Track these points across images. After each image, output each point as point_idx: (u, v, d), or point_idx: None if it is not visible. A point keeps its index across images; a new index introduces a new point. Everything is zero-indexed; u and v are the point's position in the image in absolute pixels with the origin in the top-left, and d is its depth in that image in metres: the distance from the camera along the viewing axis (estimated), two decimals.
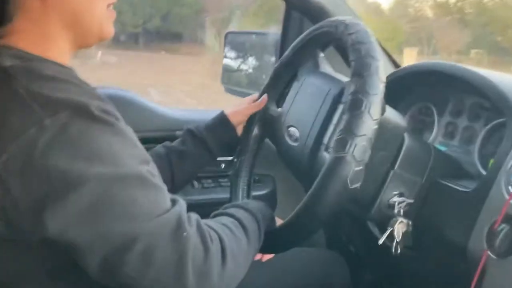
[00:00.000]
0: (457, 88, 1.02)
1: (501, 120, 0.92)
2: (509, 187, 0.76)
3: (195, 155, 1.01)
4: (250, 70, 1.56)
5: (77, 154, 0.53)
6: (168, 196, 0.61)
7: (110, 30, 0.70)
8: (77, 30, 0.66)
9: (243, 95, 1.51)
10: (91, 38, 0.68)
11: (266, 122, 1.03)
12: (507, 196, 0.75)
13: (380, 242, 0.85)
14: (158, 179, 0.61)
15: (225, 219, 0.72)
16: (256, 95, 1.08)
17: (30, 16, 0.63)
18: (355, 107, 0.72)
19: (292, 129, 0.95)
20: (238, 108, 1.05)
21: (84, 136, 0.54)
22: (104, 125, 0.56)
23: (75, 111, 0.54)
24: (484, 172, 0.93)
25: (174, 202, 0.61)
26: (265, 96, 1.03)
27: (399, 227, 0.84)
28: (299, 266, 1.05)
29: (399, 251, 0.84)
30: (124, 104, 1.25)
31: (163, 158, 0.99)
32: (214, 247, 0.62)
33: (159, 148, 1.03)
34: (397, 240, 0.84)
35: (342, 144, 0.71)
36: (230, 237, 0.66)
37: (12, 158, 0.53)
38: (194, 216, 0.64)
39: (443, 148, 1.03)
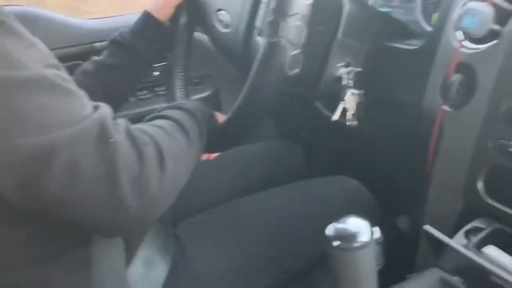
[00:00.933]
0: None
1: None
2: (457, 36, 0.71)
3: (127, 66, 0.91)
4: None
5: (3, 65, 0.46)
6: (88, 102, 0.53)
7: None
8: None
9: None
10: None
11: (193, 7, 0.92)
12: (457, 44, 0.72)
13: (336, 118, 0.81)
14: (71, 84, 0.52)
15: (160, 122, 0.64)
16: None
17: None
18: None
19: (222, 12, 0.85)
20: (161, 1, 0.93)
21: (5, 47, 0.47)
22: (22, 35, 0.49)
23: None
24: (429, 28, 0.89)
25: (96, 108, 0.53)
26: None
27: (352, 99, 0.80)
28: (251, 158, 1.01)
29: (355, 123, 0.81)
30: (32, 21, 1.10)
31: (93, 75, 0.89)
32: (149, 151, 0.54)
33: (85, 65, 0.92)
34: (352, 113, 0.80)
35: (274, 27, 0.64)
36: (166, 139, 0.59)
37: None
38: (122, 120, 0.56)
39: (385, 10, 0.97)
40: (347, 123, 0.81)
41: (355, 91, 0.80)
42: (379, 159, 1.02)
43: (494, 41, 0.67)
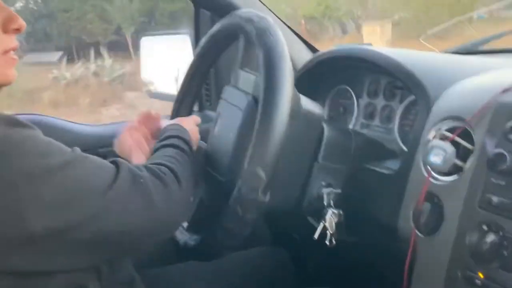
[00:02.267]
0: (370, 69, 1.04)
1: (413, 97, 0.94)
2: (427, 165, 0.77)
3: None
4: (169, 72, 1.52)
5: (27, 156, 0.57)
6: (106, 161, 0.67)
7: (9, 76, 0.68)
8: None
9: (166, 97, 1.47)
10: None
11: None
12: (426, 174, 0.77)
13: (316, 236, 0.85)
14: (90, 156, 0.65)
15: (169, 151, 0.81)
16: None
17: None
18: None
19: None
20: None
21: (25, 139, 0.58)
22: (34, 129, 0.61)
23: (7, 123, 0.58)
24: (405, 148, 0.95)
25: (115, 163, 0.67)
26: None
27: (331, 219, 0.84)
28: (241, 267, 1.04)
29: (334, 242, 0.85)
30: (43, 129, 1.18)
31: None
32: (168, 177, 0.72)
33: None
34: (331, 232, 0.84)
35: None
36: (176, 164, 0.77)
37: None
38: (138, 164, 0.73)
39: (364, 130, 1.05)
40: (327, 242, 0.85)
41: (335, 211, 0.85)
42: (358, 275, 1.05)
43: (457, 176, 0.73)
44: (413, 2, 9.27)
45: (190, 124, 0.92)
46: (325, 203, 0.86)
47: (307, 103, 0.85)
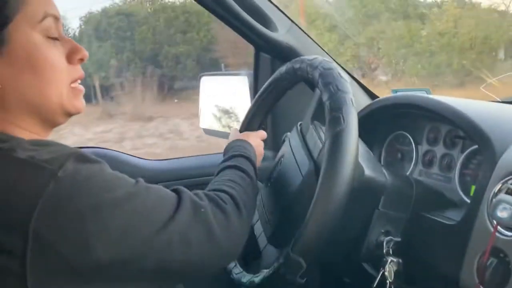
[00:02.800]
0: (431, 118, 1.04)
1: (476, 147, 0.94)
2: (493, 219, 0.76)
3: None
4: (227, 111, 1.57)
5: (94, 189, 0.60)
6: (168, 191, 0.69)
7: (77, 106, 0.71)
8: (39, 116, 0.68)
9: (221, 135, 1.52)
10: (58, 119, 0.70)
11: None
12: (491, 229, 0.76)
13: (374, 284, 0.85)
14: (153, 186, 0.68)
15: (231, 174, 0.82)
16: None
17: None
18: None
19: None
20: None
21: (95, 173, 0.62)
22: (100, 163, 0.64)
23: (76, 159, 0.61)
24: (466, 199, 0.94)
25: (177, 191, 0.70)
26: None
27: (390, 267, 0.84)
28: None
29: None
30: (107, 162, 1.24)
31: None
32: (229, 206, 0.73)
33: None
34: (390, 281, 0.84)
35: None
36: (238, 189, 0.78)
37: (42, 214, 0.56)
38: (200, 192, 0.74)
39: (423, 178, 1.04)
40: None
41: (394, 259, 0.85)
42: None
43: None
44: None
45: (257, 139, 0.96)
46: (384, 251, 0.85)
47: (370, 171, 0.83)
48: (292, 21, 1.27)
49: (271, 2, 1.24)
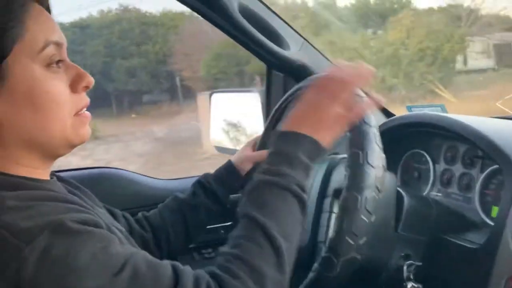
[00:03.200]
0: (448, 136, 1.02)
1: (496, 166, 0.91)
2: None
3: (207, 207, 1.01)
4: (238, 128, 1.55)
5: (66, 273, 0.53)
6: (167, 271, 0.59)
7: (82, 135, 0.67)
8: (41, 152, 0.65)
9: (232, 152, 1.50)
10: (61, 152, 0.67)
11: None
12: None
13: None
14: (151, 264, 0.59)
15: (266, 199, 0.65)
16: (255, 138, 1.10)
17: None
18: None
19: None
20: (243, 155, 1.06)
21: (68, 254, 0.53)
22: (84, 236, 0.55)
23: (53, 230, 0.54)
24: (487, 220, 0.91)
25: (176, 272, 0.59)
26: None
27: None
28: None
29: None
30: (116, 182, 1.23)
31: (176, 212, 0.99)
32: (243, 277, 0.59)
33: (170, 202, 1.01)
34: None
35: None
36: (253, 253, 0.62)
37: None
38: (201, 273, 0.61)
39: (441, 198, 1.02)
40: None
41: (415, 285, 0.82)
42: None
43: None
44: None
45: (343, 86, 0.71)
46: (405, 276, 0.83)
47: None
48: (304, 38, 1.26)
49: (283, 20, 1.24)
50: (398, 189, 0.86)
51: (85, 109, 0.68)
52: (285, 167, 0.66)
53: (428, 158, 1.08)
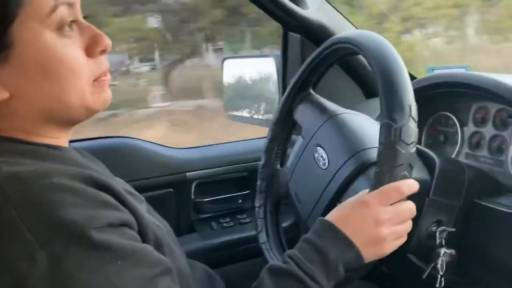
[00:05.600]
0: (478, 96, 0.97)
1: None
2: None
3: None
4: (252, 95, 1.51)
5: None
6: None
7: (104, 101, 0.63)
8: (59, 121, 0.61)
9: (247, 120, 1.46)
10: (81, 118, 0.63)
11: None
12: None
13: (424, 276, 0.79)
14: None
15: None
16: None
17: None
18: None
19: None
20: None
21: (80, 271, 0.49)
22: (103, 252, 0.51)
23: (70, 238, 0.49)
24: None
25: None
26: None
27: (443, 259, 0.78)
28: None
29: (443, 284, 0.78)
30: (132, 150, 1.20)
31: None
32: None
33: None
34: (441, 274, 0.78)
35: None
36: None
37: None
38: None
39: (471, 162, 0.97)
40: (437, 284, 0.78)
41: (447, 251, 0.79)
42: None
43: None
44: None
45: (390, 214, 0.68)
46: (437, 242, 0.79)
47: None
48: None
49: None
50: (429, 151, 0.82)
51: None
52: (321, 275, 0.62)
53: (455, 121, 1.03)
